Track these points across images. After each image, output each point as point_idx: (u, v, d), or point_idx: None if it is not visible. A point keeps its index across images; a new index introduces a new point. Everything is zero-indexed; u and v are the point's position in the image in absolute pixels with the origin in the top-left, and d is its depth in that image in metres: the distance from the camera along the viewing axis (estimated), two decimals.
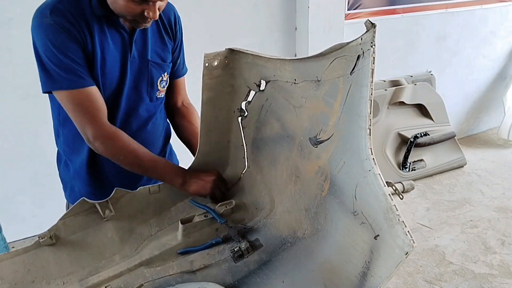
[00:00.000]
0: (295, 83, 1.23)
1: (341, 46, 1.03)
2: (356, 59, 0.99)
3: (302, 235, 1.25)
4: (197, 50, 1.60)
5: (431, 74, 4.09)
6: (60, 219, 1.29)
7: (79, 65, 1.29)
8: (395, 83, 3.86)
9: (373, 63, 0.94)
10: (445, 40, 4.10)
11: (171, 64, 1.55)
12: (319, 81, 1.14)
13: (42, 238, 1.26)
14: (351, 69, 1.01)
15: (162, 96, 1.57)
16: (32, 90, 2.38)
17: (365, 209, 1.00)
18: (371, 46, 0.93)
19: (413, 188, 3.62)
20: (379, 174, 0.95)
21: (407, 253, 0.86)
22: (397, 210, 0.90)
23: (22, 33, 2.08)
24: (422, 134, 3.76)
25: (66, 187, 1.64)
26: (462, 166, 3.99)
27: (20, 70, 2.39)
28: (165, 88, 1.56)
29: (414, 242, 0.85)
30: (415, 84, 3.88)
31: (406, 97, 3.80)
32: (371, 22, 0.93)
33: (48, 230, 1.28)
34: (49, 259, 1.26)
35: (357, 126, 1.00)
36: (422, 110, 3.95)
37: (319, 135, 1.18)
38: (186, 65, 1.66)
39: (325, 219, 1.16)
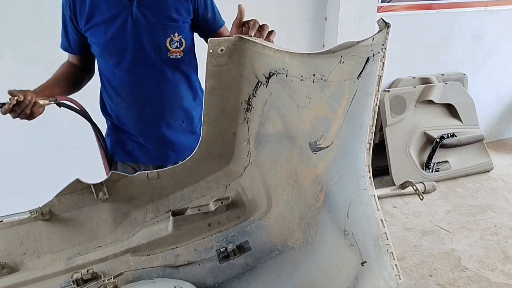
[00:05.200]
0: (301, 79, 1.20)
1: (351, 45, 0.98)
2: (365, 62, 0.95)
3: (292, 245, 1.23)
4: None
5: (464, 74, 3.96)
6: (56, 196, 1.31)
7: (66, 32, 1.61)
8: (425, 81, 3.77)
9: (382, 69, 0.89)
10: (481, 39, 3.96)
11: (186, 24, 1.58)
12: (325, 81, 1.10)
13: (33, 214, 1.28)
14: (359, 72, 0.97)
15: (178, 56, 1.60)
16: None
17: (355, 231, 0.98)
18: (382, 49, 0.89)
19: (434, 190, 3.54)
20: (374, 195, 0.92)
21: None
22: (387, 238, 0.87)
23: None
24: (449, 135, 3.67)
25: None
26: (489, 171, 3.88)
27: (51, 44, 2.42)
28: (181, 48, 1.58)
29: (400, 278, 0.82)
30: (446, 83, 3.78)
31: (435, 96, 3.71)
32: (384, 22, 0.87)
33: (42, 206, 1.30)
34: (42, 234, 1.29)
35: (357, 138, 0.97)
36: (451, 110, 3.85)
37: (319, 141, 1.15)
38: (222, 19, 1.71)
39: (316, 232, 1.14)
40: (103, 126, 1.77)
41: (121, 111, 1.69)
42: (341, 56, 1.03)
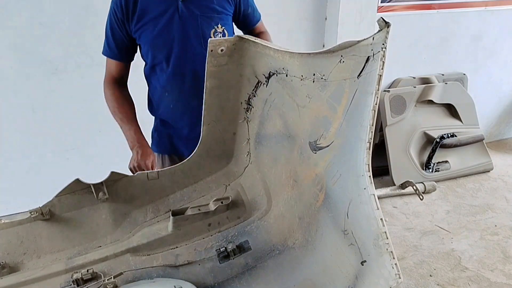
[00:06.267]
0: (301, 79, 1.20)
1: (351, 44, 0.98)
2: (365, 61, 0.95)
3: (292, 244, 1.23)
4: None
5: (464, 74, 3.96)
6: (56, 196, 1.31)
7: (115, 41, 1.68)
8: (425, 81, 3.77)
9: (382, 68, 0.89)
10: (481, 39, 3.95)
11: (228, 16, 1.66)
12: (325, 80, 1.10)
13: (33, 214, 1.28)
14: (359, 72, 0.97)
15: None
16: (61, 64, 2.43)
17: (355, 230, 0.98)
18: (382, 49, 0.89)
19: (434, 190, 3.54)
20: (374, 194, 0.92)
21: (391, 287, 0.84)
22: (387, 237, 0.88)
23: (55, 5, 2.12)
24: (449, 135, 3.67)
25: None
26: (489, 171, 3.88)
27: (51, 44, 2.43)
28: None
29: (400, 277, 0.83)
30: (446, 83, 3.78)
31: (435, 96, 3.71)
32: (384, 21, 0.87)
33: (42, 206, 1.30)
34: (42, 234, 1.29)
35: (357, 137, 0.97)
36: (451, 110, 3.85)
37: (319, 140, 1.15)
38: (258, 12, 1.87)
39: (316, 231, 1.15)
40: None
41: (168, 107, 1.76)
42: (341, 56, 1.03)
